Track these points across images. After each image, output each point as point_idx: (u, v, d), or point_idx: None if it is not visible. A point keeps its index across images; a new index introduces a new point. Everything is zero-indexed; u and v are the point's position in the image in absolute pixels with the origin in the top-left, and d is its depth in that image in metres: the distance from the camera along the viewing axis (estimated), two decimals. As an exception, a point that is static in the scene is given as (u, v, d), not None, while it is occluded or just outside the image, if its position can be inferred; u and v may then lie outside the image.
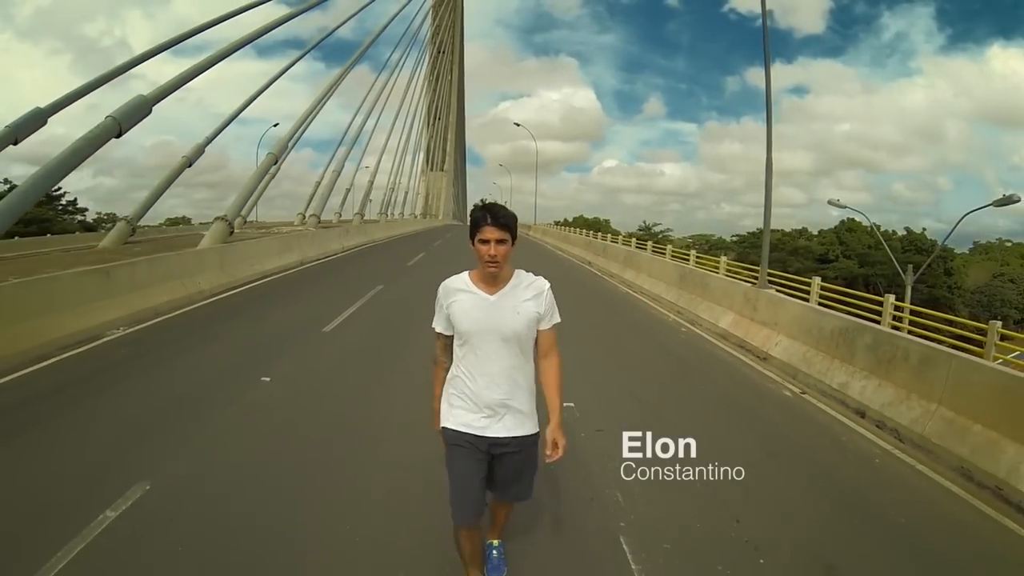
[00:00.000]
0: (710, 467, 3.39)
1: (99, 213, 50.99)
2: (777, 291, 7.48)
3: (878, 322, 6.42)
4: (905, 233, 78.00)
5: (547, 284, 2.11)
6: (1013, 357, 6.12)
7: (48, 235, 27.91)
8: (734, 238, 78.19)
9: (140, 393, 4.84)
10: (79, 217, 42.99)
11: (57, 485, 3.20)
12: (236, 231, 13.36)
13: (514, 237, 1.98)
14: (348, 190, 24.27)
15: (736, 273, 9.19)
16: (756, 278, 7.87)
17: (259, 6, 14.51)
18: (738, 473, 3.39)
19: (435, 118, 72.40)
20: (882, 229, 70.43)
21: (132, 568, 2.51)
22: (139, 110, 10.80)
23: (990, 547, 3.14)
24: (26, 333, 5.76)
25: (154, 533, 2.73)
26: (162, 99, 11.48)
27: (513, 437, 2.05)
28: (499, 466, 2.13)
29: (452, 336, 2.09)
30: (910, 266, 19.28)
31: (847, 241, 72.30)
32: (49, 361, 5.59)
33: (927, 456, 4.16)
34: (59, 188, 38.36)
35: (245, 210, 13.11)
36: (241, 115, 14.35)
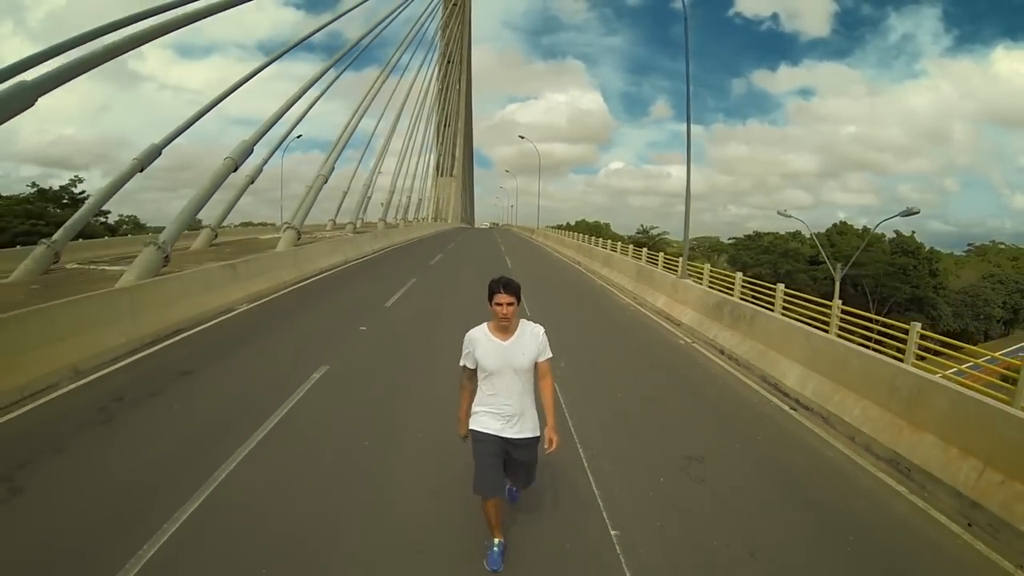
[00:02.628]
0: (622, 380, 6.73)
1: (121, 215, 51.37)
2: (693, 280, 10.75)
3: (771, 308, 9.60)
4: (894, 236, 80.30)
5: (542, 329, 2.93)
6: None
7: (107, 237, 31.40)
8: (730, 240, 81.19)
9: (294, 332, 8.23)
10: (102, 219, 43.82)
11: (281, 366, 6.57)
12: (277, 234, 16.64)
13: (519, 299, 2.78)
14: (368, 197, 27.62)
15: (673, 268, 12.41)
16: (700, 272, 11.16)
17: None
18: (634, 378, 6.72)
19: (445, 126, 75.87)
20: (882, 231, 72.94)
21: (334, 401, 5.78)
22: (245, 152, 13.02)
23: (762, 414, 6.45)
24: (202, 303, 9.16)
25: (339, 385, 6.07)
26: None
27: (523, 438, 2.91)
28: (514, 457, 2.97)
29: (475, 369, 2.90)
30: (839, 264, 22.35)
31: (837, 243, 75.12)
32: (223, 318, 9.00)
33: (746, 370, 7.45)
34: (83, 191, 40.82)
35: (298, 221, 16.20)
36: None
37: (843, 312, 7.41)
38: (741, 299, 8.89)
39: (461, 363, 2.97)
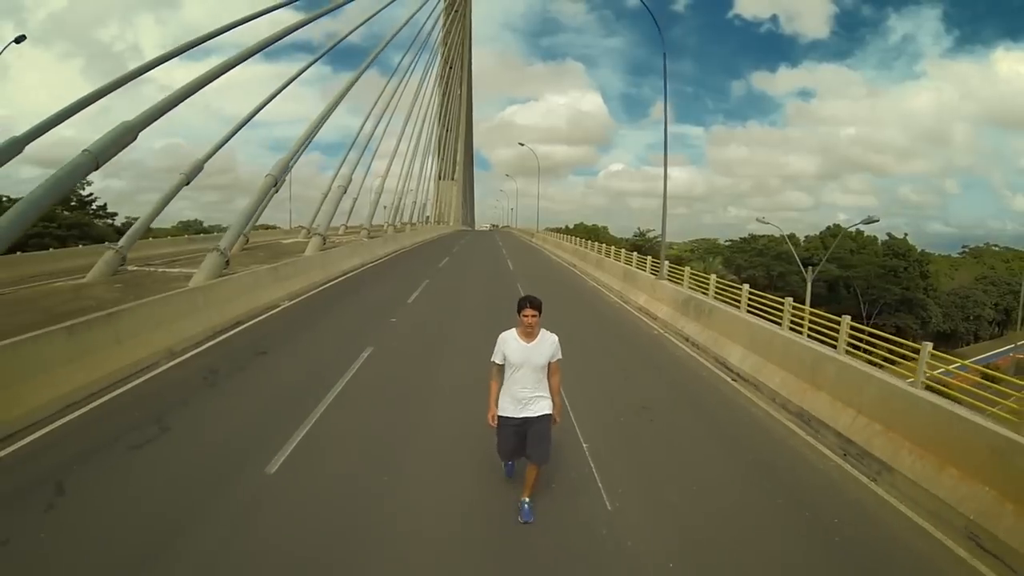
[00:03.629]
0: (603, 360, 8.52)
1: (127, 218, 52.98)
2: (668, 281, 12.52)
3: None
4: (887, 238, 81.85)
5: (556, 338, 3.85)
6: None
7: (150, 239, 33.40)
8: (727, 242, 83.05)
9: (337, 323, 10.00)
10: (109, 221, 43.82)
11: (336, 348, 8.34)
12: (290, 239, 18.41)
13: (540, 312, 3.77)
14: (376, 202, 29.24)
15: (656, 271, 14.13)
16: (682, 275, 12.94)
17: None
18: (613, 359, 8.51)
19: (446, 132, 77.77)
20: (886, 232, 74.64)
21: (383, 369, 7.58)
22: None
23: (708, 383, 8.23)
24: (254, 300, 10.92)
25: (384, 359, 7.85)
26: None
27: (537, 415, 3.83)
28: (530, 433, 3.83)
29: (503, 365, 3.84)
30: (810, 267, 24.11)
31: (830, 245, 76.87)
32: (272, 312, 10.77)
33: (703, 353, 9.22)
34: (90, 194, 41.54)
35: (323, 227, 18.01)
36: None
37: (793, 308, 9.14)
38: (715, 297, 10.61)
39: (492, 359, 3.90)
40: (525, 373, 3.78)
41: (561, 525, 3.91)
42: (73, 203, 39.53)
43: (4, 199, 40.57)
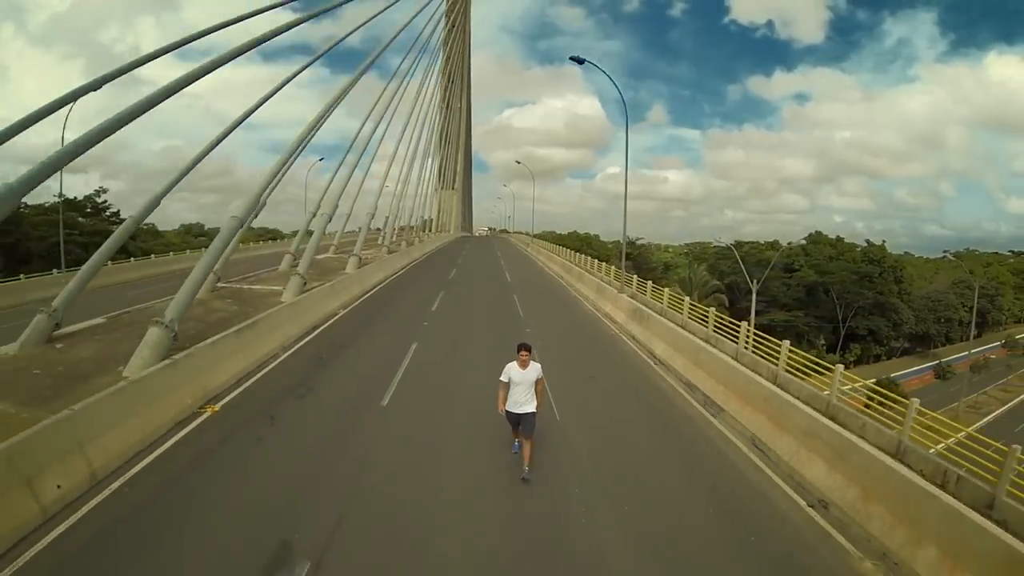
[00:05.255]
0: (572, 349, 12.75)
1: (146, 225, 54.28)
2: (626, 295, 16.67)
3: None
4: (866, 244, 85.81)
5: (540, 366, 6.54)
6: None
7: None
8: (717, 243, 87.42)
9: (387, 325, 14.15)
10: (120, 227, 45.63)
11: (393, 342, 12.51)
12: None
13: (530, 351, 6.48)
14: (387, 217, 32.65)
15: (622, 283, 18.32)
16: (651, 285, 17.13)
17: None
18: (577, 349, 12.74)
19: (446, 143, 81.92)
20: (882, 237, 78.83)
21: (429, 355, 11.71)
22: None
23: (636, 366, 12.45)
24: (321, 309, 15.04)
25: (428, 349, 12.01)
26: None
27: (527, 412, 6.45)
28: (523, 420, 6.48)
29: (507, 383, 6.44)
30: (755, 280, 28.28)
31: (811, 252, 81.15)
32: (335, 319, 14.91)
33: (642, 347, 13.40)
34: (104, 200, 42.39)
35: (358, 249, 22.13)
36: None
37: (717, 316, 13.27)
38: (669, 307, 14.61)
39: (500, 379, 6.50)
40: (520, 388, 6.51)
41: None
42: (89, 209, 41.22)
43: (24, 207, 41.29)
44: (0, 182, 8.62)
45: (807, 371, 8.88)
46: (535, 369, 6.58)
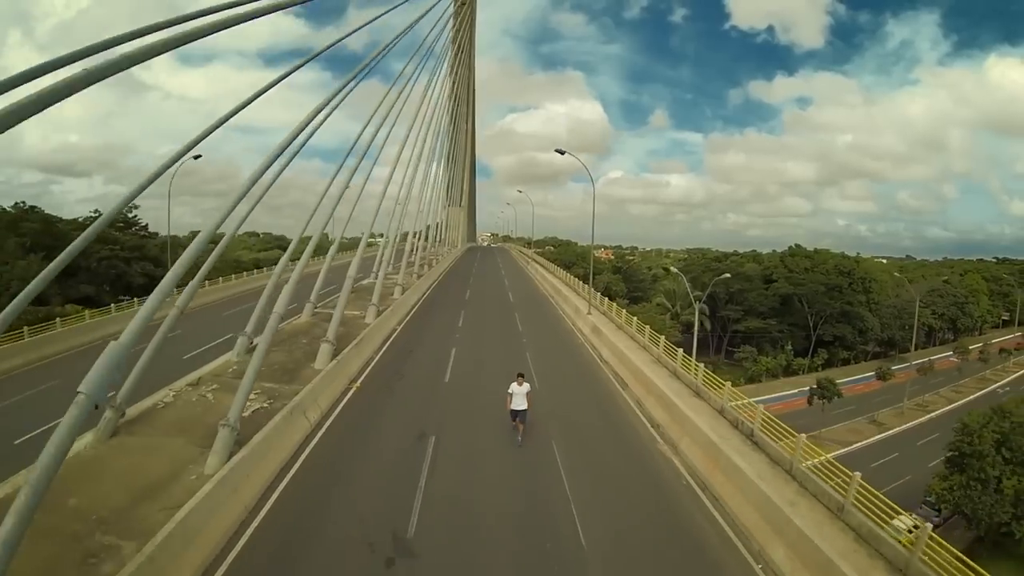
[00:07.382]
0: (549, 353, 20.50)
1: (176, 236, 49.43)
2: (594, 315, 24.21)
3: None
4: (841, 256, 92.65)
5: (528, 387, 12.33)
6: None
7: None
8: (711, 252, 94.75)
9: (431, 337, 21.85)
10: (152, 241, 44.54)
11: (439, 348, 20.22)
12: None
13: (523, 376, 12.55)
14: (412, 251, 40.22)
15: (600, 303, 25.86)
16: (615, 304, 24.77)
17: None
18: (554, 352, 20.49)
19: (452, 164, 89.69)
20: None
21: (466, 354, 19.38)
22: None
23: (591, 363, 20.16)
24: (385, 328, 22.74)
25: (464, 351, 19.74)
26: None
27: (522, 410, 12.14)
28: (519, 416, 12.17)
29: (511, 394, 12.18)
30: (699, 295, 35.72)
31: (789, 264, 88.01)
32: (395, 334, 22.62)
33: (597, 352, 21.04)
34: (134, 215, 44.58)
35: (401, 279, 29.91)
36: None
37: (653, 332, 20.77)
38: (625, 323, 22.19)
39: (508, 391, 12.23)
40: (518, 397, 12.02)
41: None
42: (121, 224, 42.28)
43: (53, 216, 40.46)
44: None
45: (693, 369, 16.51)
46: (526, 387, 12.19)
